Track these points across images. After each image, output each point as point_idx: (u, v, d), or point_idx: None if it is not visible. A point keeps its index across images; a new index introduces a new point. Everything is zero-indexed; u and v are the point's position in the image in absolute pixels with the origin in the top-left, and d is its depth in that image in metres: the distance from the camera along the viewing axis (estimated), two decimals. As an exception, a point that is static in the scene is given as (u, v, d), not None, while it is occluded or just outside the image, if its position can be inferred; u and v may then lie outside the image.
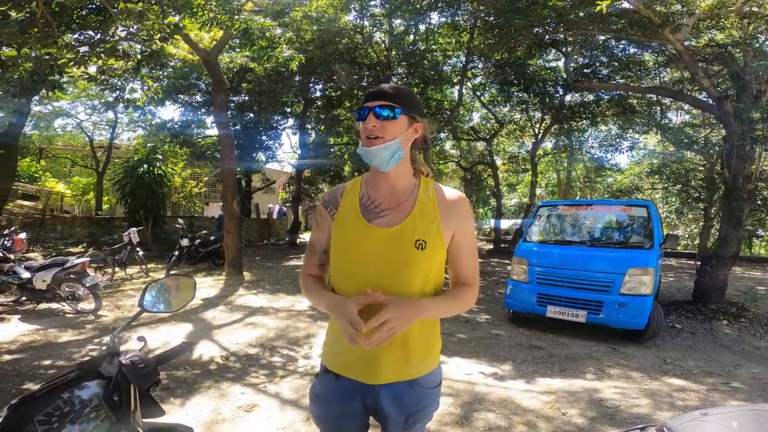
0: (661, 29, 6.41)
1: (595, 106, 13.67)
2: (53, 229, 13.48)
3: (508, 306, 5.99)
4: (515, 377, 3.98)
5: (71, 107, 17.58)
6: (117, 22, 3.33)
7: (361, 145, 1.18)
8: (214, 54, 8.02)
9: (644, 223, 5.72)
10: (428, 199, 1.23)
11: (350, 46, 11.21)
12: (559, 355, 4.67)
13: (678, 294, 8.30)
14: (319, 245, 1.29)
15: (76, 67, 3.46)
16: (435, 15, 12.52)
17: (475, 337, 5.32)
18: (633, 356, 4.73)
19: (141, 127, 15.94)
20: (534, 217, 6.55)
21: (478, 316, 6.45)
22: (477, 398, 3.47)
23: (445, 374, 3.98)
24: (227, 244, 8.89)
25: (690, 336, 5.63)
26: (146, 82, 5.62)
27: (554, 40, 10.93)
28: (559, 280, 5.43)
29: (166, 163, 14.35)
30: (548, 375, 4.08)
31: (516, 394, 3.59)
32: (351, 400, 1.23)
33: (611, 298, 5.07)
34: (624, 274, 5.05)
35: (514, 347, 4.93)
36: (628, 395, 3.63)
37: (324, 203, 1.29)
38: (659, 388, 3.83)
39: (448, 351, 4.66)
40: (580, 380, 3.97)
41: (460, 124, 17.12)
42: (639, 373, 4.20)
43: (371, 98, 1.17)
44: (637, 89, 11.55)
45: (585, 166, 22.20)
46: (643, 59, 11.67)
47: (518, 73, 12.65)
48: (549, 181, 27.06)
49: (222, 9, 4.82)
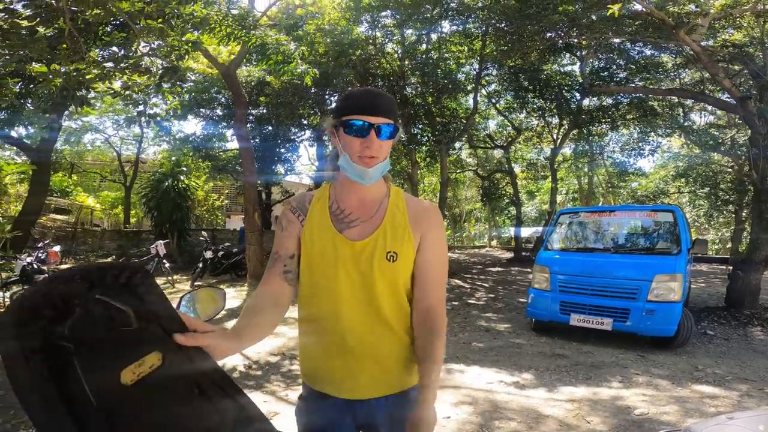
0: (676, 30, 6.29)
1: (614, 109, 13.41)
2: (84, 241, 13.99)
3: (529, 315, 5.92)
4: (537, 386, 3.88)
5: (99, 122, 18.28)
6: (139, 38, 3.50)
7: (349, 160, 1.10)
8: (233, 68, 8.27)
9: (671, 228, 5.61)
10: (398, 209, 1.18)
11: (363, 57, 11.37)
12: (584, 364, 4.53)
13: (710, 300, 8.03)
14: (284, 250, 1.18)
15: (102, 83, 3.63)
16: (446, 24, 12.58)
17: (496, 346, 5.23)
18: (662, 363, 4.56)
19: (165, 141, 16.47)
20: (555, 224, 6.49)
21: (498, 325, 6.33)
22: (497, 407, 3.39)
23: (464, 383, 3.92)
24: (249, 255, 9.02)
25: (723, 342, 5.43)
26: (167, 97, 5.84)
27: (568, 44, 10.84)
28: (583, 287, 5.35)
29: (190, 176, 14.76)
30: (572, 383, 3.95)
31: (538, 402, 3.49)
32: (342, 419, 1.18)
33: (638, 305, 4.96)
34: (651, 281, 4.96)
35: (537, 356, 4.82)
36: (656, 403, 3.49)
37: (291, 209, 1.22)
38: (689, 395, 3.69)
39: (468, 360, 4.59)
40: (606, 388, 3.84)
41: (476, 133, 17.04)
42: (668, 380, 4.04)
43: (365, 111, 1.07)
44: (657, 91, 11.30)
45: (607, 171, 21.70)
46: (661, 61, 11.44)
47: (533, 78, 12.56)
48: (570, 187, 26.54)
49: (238, 24, 4.98)
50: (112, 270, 0.82)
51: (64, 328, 0.70)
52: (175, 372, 0.86)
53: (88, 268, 0.80)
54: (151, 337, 0.84)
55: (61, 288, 0.72)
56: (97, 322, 0.76)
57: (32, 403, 0.65)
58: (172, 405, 0.84)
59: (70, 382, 0.68)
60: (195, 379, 0.88)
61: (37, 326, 0.68)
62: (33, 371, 0.65)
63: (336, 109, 1.15)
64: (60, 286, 0.73)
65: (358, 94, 1.13)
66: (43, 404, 0.65)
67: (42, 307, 0.69)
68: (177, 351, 0.88)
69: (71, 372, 0.69)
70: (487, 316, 7.01)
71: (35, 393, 0.65)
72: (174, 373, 0.85)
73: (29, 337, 0.66)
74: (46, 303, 0.70)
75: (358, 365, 1.14)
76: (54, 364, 0.67)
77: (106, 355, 0.75)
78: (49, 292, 0.71)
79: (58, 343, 0.69)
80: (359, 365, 1.14)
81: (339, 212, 1.18)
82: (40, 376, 0.65)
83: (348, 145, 1.10)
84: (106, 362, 0.75)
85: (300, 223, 1.19)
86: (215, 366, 0.92)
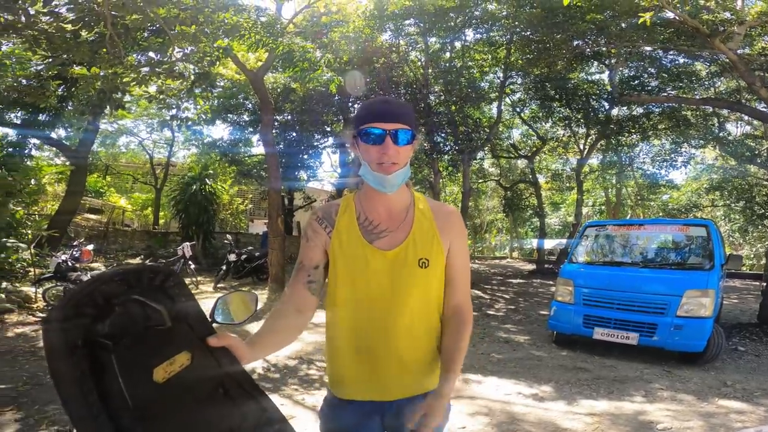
0: (711, 39, 6.10)
1: (645, 119, 13.05)
2: (115, 241, 14.53)
3: (551, 327, 5.83)
4: (556, 399, 3.77)
5: (134, 126, 19.07)
6: (174, 43, 3.66)
7: (369, 169, 1.12)
8: (261, 74, 8.49)
9: (704, 243, 5.48)
10: (425, 216, 1.20)
11: (387, 65, 11.47)
12: (606, 378, 4.39)
13: (742, 316, 7.76)
14: (308, 261, 1.19)
15: (138, 87, 3.81)
16: (470, 32, 12.57)
17: (515, 357, 5.13)
18: (689, 379, 4.40)
19: (194, 145, 17.00)
20: (580, 237, 6.39)
21: (517, 336, 6.21)
22: (514, 418, 3.31)
23: (481, 394, 3.86)
24: (271, 260, 9.15)
25: (754, 358, 5.23)
26: (198, 101, 6.05)
27: (596, 52, 10.64)
28: (608, 301, 5.25)
29: (216, 180, 15.17)
30: (593, 397, 3.83)
31: (556, 415, 3.39)
32: (369, 422, 1.19)
33: (666, 320, 4.84)
34: (681, 296, 4.84)
35: (557, 369, 4.70)
36: (681, 417, 3.36)
37: (318, 219, 1.21)
38: (715, 410, 3.55)
39: (486, 371, 4.51)
40: (628, 402, 3.71)
41: (499, 142, 16.88)
42: (694, 395, 3.90)
43: (381, 118, 1.09)
44: (691, 101, 10.95)
45: (636, 183, 21.05)
46: (695, 69, 11.09)
47: (559, 87, 12.38)
48: (596, 199, 25.86)
49: (266, 32, 5.14)
50: (147, 272, 0.87)
51: (104, 325, 0.75)
52: (202, 372, 0.89)
53: (126, 271, 0.84)
54: (181, 336, 0.88)
55: (103, 288, 0.77)
56: (134, 321, 0.80)
57: (72, 397, 0.67)
58: (197, 404, 0.87)
59: (108, 379, 0.72)
60: (221, 380, 0.91)
61: (81, 323, 0.72)
62: (75, 366, 0.68)
63: (353, 119, 1.18)
64: (102, 286, 0.77)
65: (373, 103, 1.15)
66: (83, 399, 0.67)
67: (86, 305, 0.73)
68: (205, 351, 0.91)
69: (109, 369, 0.72)
70: (507, 327, 6.88)
71: (75, 387, 0.67)
72: (201, 372, 0.89)
73: (73, 333, 0.70)
74: (90, 301, 0.74)
75: (386, 369, 1.16)
76: (94, 360, 0.71)
77: (141, 352, 0.79)
78: (93, 291, 0.75)
79: (99, 341, 0.73)
80: (387, 369, 1.16)
81: (368, 224, 1.19)
82: (81, 371, 0.69)
83: (366, 154, 1.12)
84: (141, 360, 0.79)
85: (327, 234, 1.19)
86: (240, 368, 0.95)
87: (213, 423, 0.88)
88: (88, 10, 3.07)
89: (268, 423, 0.95)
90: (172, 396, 0.81)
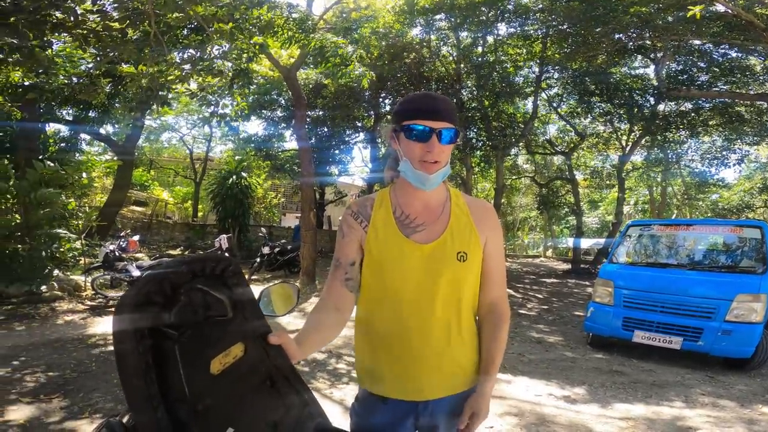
0: (766, 33, 5.68)
1: (694, 115, 12.29)
2: (158, 232, 15.27)
3: (587, 329, 5.65)
4: (589, 401, 3.65)
5: (175, 122, 19.98)
6: (212, 40, 3.79)
7: (410, 166, 1.10)
8: (294, 70, 8.65)
9: (757, 245, 5.17)
10: (461, 211, 1.19)
11: (418, 60, 11.37)
12: (644, 382, 4.21)
13: None
14: (344, 258, 1.18)
15: (181, 84, 3.98)
16: (503, 26, 12.24)
17: (547, 358, 5.00)
18: (733, 385, 4.19)
19: (231, 140, 17.55)
20: (622, 236, 6.16)
21: (550, 337, 6.05)
22: (544, 420, 3.23)
23: (511, 394, 3.79)
24: (303, 253, 9.33)
25: None
26: (236, 98, 6.24)
27: (640, 46, 10.11)
28: (651, 304, 5.05)
29: (251, 174, 15.61)
30: (628, 401, 3.68)
31: (588, 418, 3.28)
32: (403, 421, 1.17)
33: (714, 324, 4.62)
34: (731, 300, 4.62)
35: (591, 371, 4.54)
36: (721, 424, 3.20)
37: (353, 214, 1.20)
38: (758, 417, 3.37)
39: (516, 371, 4.42)
40: (666, 407, 3.55)
41: (534, 138, 16.40)
42: (736, 401, 3.70)
43: (426, 115, 1.07)
44: (744, 96, 10.24)
45: (683, 182, 19.90)
46: (749, 63, 10.35)
47: (600, 82, 11.86)
48: (639, 198, 24.66)
49: (299, 28, 5.22)
50: (209, 262, 0.88)
51: (170, 315, 0.75)
52: (253, 364, 0.89)
53: (191, 259, 0.86)
54: (237, 327, 0.88)
55: (171, 277, 0.77)
56: (196, 311, 0.80)
57: (135, 388, 0.68)
58: (246, 396, 0.87)
59: (169, 370, 0.72)
60: (269, 372, 0.93)
61: (151, 311, 0.72)
62: (141, 356, 0.69)
63: (396, 114, 1.15)
64: (170, 275, 0.78)
65: (418, 98, 1.12)
66: (145, 390, 0.68)
67: (156, 293, 0.74)
68: (256, 343, 0.92)
69: (171, 359, 0.73)
70: (539, 327, 6.71)
71: (139, 378, 0.68)
72: (252, 365, 0.89)
73: (143, 321, 0.71)
74: (160, 290, 0.75)
75: (421, 367, 1.14)
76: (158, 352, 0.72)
77: (201, 343, 0.79)
78: (162, 280, 0.76)
79: (164, 330, 0.73)
80: (422, 367, 1.14)
81: (404, 218, 1.17)
82: (146, 362, 0.69)
83: (409, 150, 1.09)
84: (201, 350, 0.79)
85: (363, 229, 1.18)
86: (287, 361, 0.97)
87: (259, 415, 0.88)
88: (132, 9, 3.24)
89: (310, 417, 0.96)
90: (224, 387, 0.81)
